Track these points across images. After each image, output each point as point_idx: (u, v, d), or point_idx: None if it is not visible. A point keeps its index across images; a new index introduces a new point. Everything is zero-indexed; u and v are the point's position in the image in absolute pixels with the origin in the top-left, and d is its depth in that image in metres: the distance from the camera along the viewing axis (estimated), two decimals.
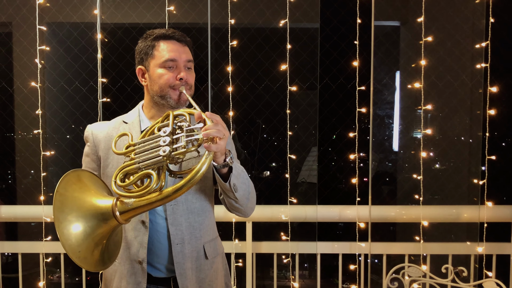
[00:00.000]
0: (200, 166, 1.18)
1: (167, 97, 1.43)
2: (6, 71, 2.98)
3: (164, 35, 1.45)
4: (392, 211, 2.68)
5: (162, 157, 1.19)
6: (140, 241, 1.44)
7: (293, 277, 2.62)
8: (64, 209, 1.17)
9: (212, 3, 2.56)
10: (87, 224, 1.19)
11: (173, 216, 1.44)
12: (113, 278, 1.50)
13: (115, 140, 1.34)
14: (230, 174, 1.34)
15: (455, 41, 3.00)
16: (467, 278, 2.46)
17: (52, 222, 2.57)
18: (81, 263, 1.18)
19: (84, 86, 2.88)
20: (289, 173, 2.58)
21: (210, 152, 1.20)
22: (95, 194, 1.26)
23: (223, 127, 1.24)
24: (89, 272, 2.63)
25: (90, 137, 1.53)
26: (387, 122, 3.42)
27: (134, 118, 1.53)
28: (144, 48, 1.46)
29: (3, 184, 3.41)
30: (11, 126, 3.16)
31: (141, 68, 1.49)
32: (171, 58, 1.42)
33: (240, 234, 2.58)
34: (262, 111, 2.99)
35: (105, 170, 1.49)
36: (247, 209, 1.47)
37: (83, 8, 2.88)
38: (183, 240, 1.45)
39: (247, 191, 1.43)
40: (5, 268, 2.74)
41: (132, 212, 1.22)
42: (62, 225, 1.15)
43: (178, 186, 1.17)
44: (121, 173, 1.25)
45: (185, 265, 1.45)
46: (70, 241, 1.15)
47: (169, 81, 1.42)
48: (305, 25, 2.94)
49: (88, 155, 1.55)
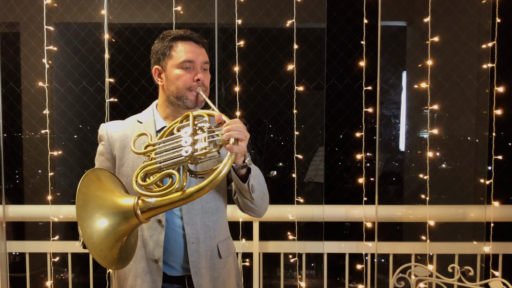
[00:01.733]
0: (223, 167, 1.20)
1: (184, 98, 1.44)
2: (13, 71, 2.99)
3: (182, 36, 1.47)
4: (399, 210, 2.69)
5: (184, 158, 1.20)
6: (156, 240, 1.46)
7: (300, 277, 2.63)
8: (86, 207, 1.18)
9: (219, 3, 2.56)
10: (109, 222, 1.20)
11: (189, 215, 1.46)
12: (127, 277, 1.51)
13: (134, 140, 1.35)
14: (248, 175, 1.36)
15: (462, 41, 3.01)
16: (473, 278, 2.46)
17: (60, 222, 2.60)
18: (102, 261, 1.19)
19: (92, 86, 2.88)
20: (296, 173, 2.59)
21: (232, 154, 1.22)
22: (116, 193, 1.27)
23: (244, 128, 1.26)
24: (96, 272, 2.64)
25: (105, 136, 1.54)
26: (393, 122, 3.43)
27: (148, 117, 1.54)
28: (162, 48, 1.47)
29: (11, 184, 3.41)
30: (19, 126, 3.17)
31: (157, 68, 1.50)
32: (189, 59, 1.43)
33: (247, 234, 2.59)
34: (269, 111, 3.00)
35: (120, 169, 1.50)
36: (261, 209, 1.49)
37: (91, 8, 2.88)
38: (198, 239, 1.47)
39: (262, 191, 1.45)
40: (12, 268, 2.75)
41: (154, 211, 1.23)
42: (85, 224, 1.16)
43: (201, 186, 1.19)
44: (142, 172, 1.26)
45: (200, 264, 1.47)
46: (93, 239, 1.16)
47: (186, 82, 1.43)
48: (312, 25, 2.94)
49: (102, 154, 1.55)
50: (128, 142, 1.49)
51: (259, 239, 2.58)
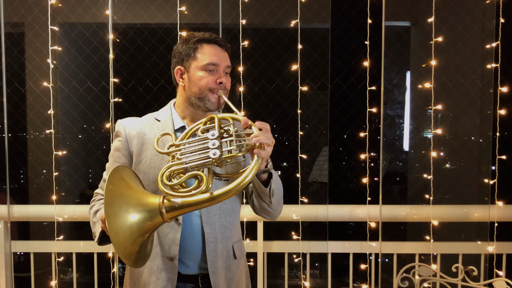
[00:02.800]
0: (250, 171, 1.20)
1: (206, 99, 1.45)
2: (18, 71, 2.99)
3: (208, 39, 1.48)
4: (403, 210, 2.69)
5: (212, 160, 1.21)
6: (173, 238, 1.46)
7: (304, 276, 2.63)
8: (113, 205, 1.19)
9: (223, 4, 2.57)
10: (134, 220, 1.21)
11: (208, 215, 1.47)
12: (142, 273, 1.51)
13: (158, 139, 1.35)
14: (270, 180, 1.38)
15: (465, 42, 3.01)
16: (477, 278, 2.46)
17: (64, 222, 2.60)
18: (125, 258, 1.19)
19: (96, 86, 2.89)
20: (300, 172, 2.59)
21: (259, 158, 1.22)
22: (140, 192, 1.28)
23: (270, 134, 1.27)
24: (101, 272, 2.64)
25: (123, 132, 1.54)
26: (397, 122, 3.43)
27: (166, 116, 1.54)
28: (186, 49, 1.48)
29: (16, 184, 3.42)
30: (24, 126, 3.17)
31: (180, 68, 1.50)
32: (213, 62, 1.45)
33: (251, 234, 2.59)
34: (273, 111, 3.00)
35: (137, 166, 1.50)
36: (276, 212, 1.52)
37: (95, 9, 2.89)
38: (216, 239, 1.48)
39: (280, 196, 1.47)
40: (17, 268, 2.76)
41: (179, 211, 1.23)
42: (112, 221, 1.16)
43: (229, 189, 1.19)
44: (167, 172, 1.26)
45: (217, 264, 1.48)
46: (118, 236, 1.16)
47: (209, 84, 1.44)
48: (316, 25, 2.95)
49: (119, 149, 1.55)
50: (145, 139, 1.50)
51: (263, 239, 2.58)
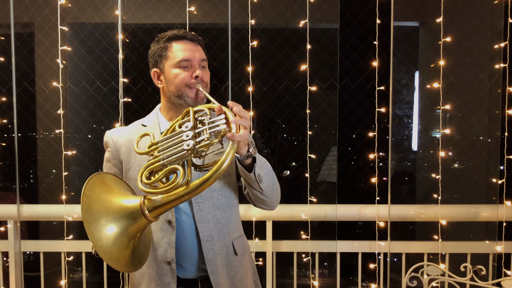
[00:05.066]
0: (225, 156, 1.18)
1: (184, 96, 1.43)
2: (28, 71, 3.00)
3: (176, 36, 1.46)
4: (411, 210, 2.70)
5: (187, 151, 1.19)
6: (168, 241, 1.44)
7: (313, 276, 2.64)
8: (92, 210, 1.17)
9: (232, 4, 2.57)
10: (117, 224, 1.19)
11: (200, 213, 1.44)
12: (141, 282, 1.49)
13: (137, 141, 1.33)
14: (254, 165, 1.33)
15: (474, 42, 3.01)
16: (485, 277, 2.47)
17: (74, 221, 2.61)
18: (113, 263, 1.17)
19: (106, 86, 2.89)
20: (309, 172, 2.60)
21: (234, 142, 1.20)
22: (122, 195, 1.26)
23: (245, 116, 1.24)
24: (110, 271, 2.65)
25: (110, 142, 1.53)
26: (406, 121, 3.43)
27: (153, 121, 1.53)
28: (158, 51, 1.47)
29: (25, 184, 3.42)
30: (33, 125, 3.18)
31: (156, 71, 1.49)
32: (185, 58, 1.43)
33: (260, 233, 2.59)
34: (282, 111, 3.00)
35: (127, 174, 1.49)
36: (272, 201, 1.47)
37: (105, 9, 2.89)
38: (212, 237, 1.45)
39: (271, 182, 1.42)
40: (27, 267, 2.77)
41: (161, 208, 1.22)
42: (92, 227, 1.15)
43: (205, 177, 1.17)
44: (146, 171, 1.25)
45: (216, 262, 1.45)
46: (101, 242, 1.15)
47: (185, 79, 1.42)
48: (325, 25, 2.95)
49: (109, 160, 1.54)
50: (133, 146, 1.46)
51: (272, 238, 2.59)
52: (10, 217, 2.62)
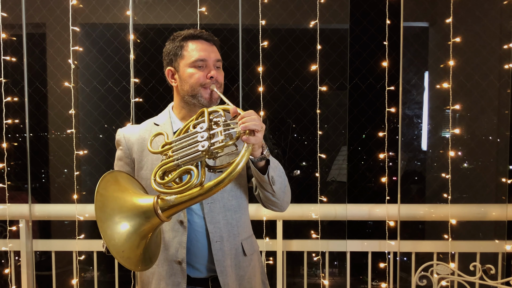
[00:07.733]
0: (240, 158, 1.18)
1: (199, 96, 1.43)
2: (40, 72, 3.01)
3: (192, 35, 1.46)
4: (421, 209, 2.71)
5: (201, 152, 1.19)
6: (179, 241, 1.44)
7: (323, 275, 2.65)
8: (105, 209, 1.17)
9: (243, 4, 2.58)
10: (130, 223, 1.19)
11: (211, 214, 1.45)
12: (151, 281, 1.49)
13: (151, 140, 1.33)
14: (267, 167, 1.34)
15: (483, 42, 3.02)
16: (495, 276, 2.48)
17: (85, 221, 2.62)
18: (125, 262, 1.17)
19: (117, 86, 2.90)
20: (319, 172, 2.61)
21: (249, 145, 1.20)
22: (135, 194, 1.26)
23: (259, 119, 1.24)
24: (121, 270, 2.66)
25: (122, 140, 1.53)
26: (416, 121, 3.44)
27: (165, 119, 1.53)
28: (173, 49, 1.47)
29: (37, 183, 3.44)
30: (45, 125, 3.20)
31: (170, 69, 1.49)
32: (201, 58, 1.43)
33: (270, 232, 2.61)
34: (292, 111, 3.02)
35: (140, 172, 1.49)
36: (283, 203, 1.47)
37: (116, 9, 2.91)
38: (222, 238, 1.46)
39: (283, 184, 1.42)
40: (38, 266, 2.77)
41: (174, 208, 1.22)
42: (105, 225, 1.15)
43: (220, 179, 1.17)
44: (160, 171, 1.25)
45: (225, 263, 1.45)
46: (114, 240, 1.15)
47: (199, 79, 1.42)
48: (335, 26, 2.96)
49: (121, 159, 1.54)
50: (145, 144, 1.47)
51: (282, 237, 2.60)
52: (22, 216, 2.63)
